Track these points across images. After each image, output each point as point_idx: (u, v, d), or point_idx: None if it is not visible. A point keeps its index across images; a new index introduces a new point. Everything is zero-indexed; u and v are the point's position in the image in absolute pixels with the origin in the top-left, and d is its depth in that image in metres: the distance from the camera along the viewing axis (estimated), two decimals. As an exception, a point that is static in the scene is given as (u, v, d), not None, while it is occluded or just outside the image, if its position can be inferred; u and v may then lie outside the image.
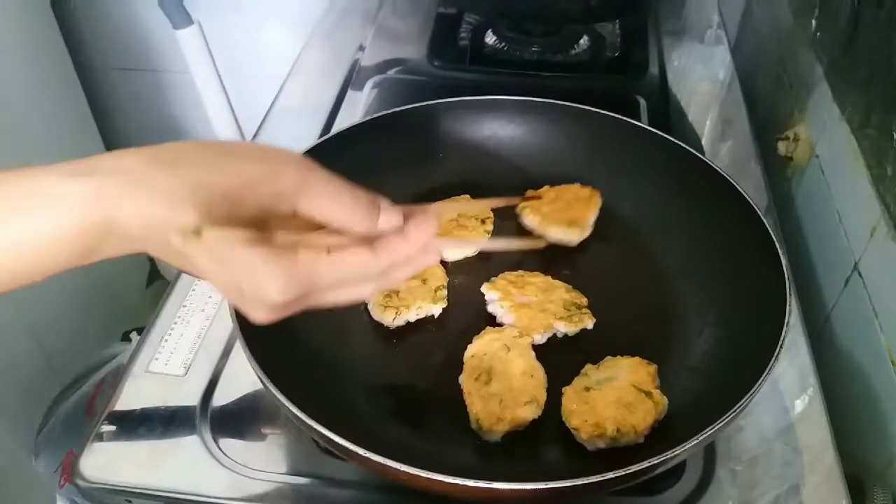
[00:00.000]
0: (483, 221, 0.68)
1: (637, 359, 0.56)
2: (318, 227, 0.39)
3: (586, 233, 0.68)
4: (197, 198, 0.35)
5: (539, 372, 0.55)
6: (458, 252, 0.66)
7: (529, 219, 0.69)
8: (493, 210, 0.69)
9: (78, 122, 1.38)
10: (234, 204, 0.36)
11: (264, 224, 0.37)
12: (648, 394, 0.52)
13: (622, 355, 0.56)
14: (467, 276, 0.65)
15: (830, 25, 0.78)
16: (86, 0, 1.35)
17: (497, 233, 0.68)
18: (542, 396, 0.54)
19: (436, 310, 0.61)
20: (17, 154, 1.10)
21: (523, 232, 0.69)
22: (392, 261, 0.39)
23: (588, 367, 0.56)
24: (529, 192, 0.70)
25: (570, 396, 0.53)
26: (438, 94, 0.73)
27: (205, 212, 0.35)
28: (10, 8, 1.18)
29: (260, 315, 0.37)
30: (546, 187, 0.70)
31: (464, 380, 0.55)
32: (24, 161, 0.35)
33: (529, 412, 0.52)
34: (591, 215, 0.68)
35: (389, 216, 0.40)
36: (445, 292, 0.62)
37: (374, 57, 1.03)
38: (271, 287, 0.35)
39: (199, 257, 0.34)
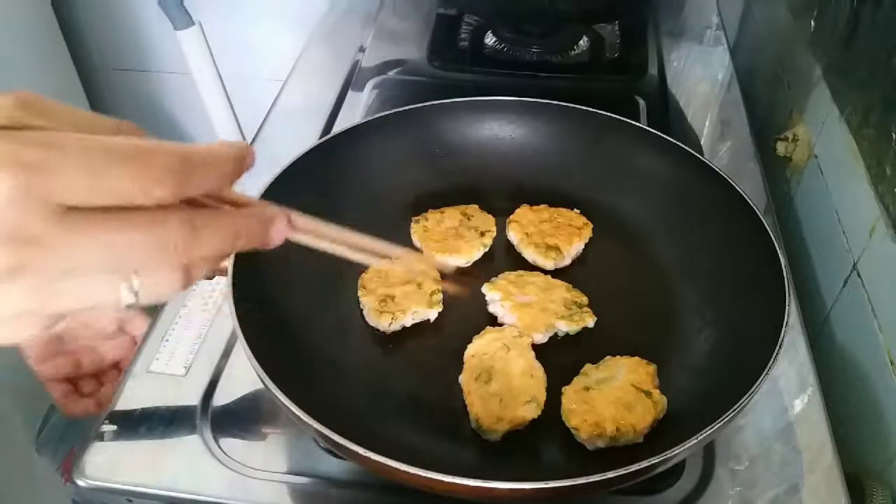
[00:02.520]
0: (482, 234, 0.67)
1: (636, 358, 0.56)
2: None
3: (563, 262, 0.66)
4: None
5: (539, 371, 0.55)
6: (452, 262, 0.66)
7: (512, 234, 0.68)
8: (491, 217, 0.69)
9: (78, 122, 1.38)
10: None
11: None
12: (648, 393, 0.53)
13: (622, 355, 0.57)
14: (467, 277, 0.65)
15: (829, 26, 0.78)
16: (86, 0, 1.35)
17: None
18: (542, 396, 0.54)
19: (431, 314, 0.61)
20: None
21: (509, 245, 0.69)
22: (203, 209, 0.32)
23: (587, 367, 0.56)
24: (524, 207, 0.69)
25: (570, 396, 0.54)
26: (438, 95, 0.73)
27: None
28: (11, 8, 1.18)
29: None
30: (544, 206, 0.70)
31: (464, 379, 0.55)
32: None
33: (529, 412, 0.52)
34: (574, 247, 0.67)
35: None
36: (441, 297, 0.62)
37: (374, 58, 1.03)
38: None
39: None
